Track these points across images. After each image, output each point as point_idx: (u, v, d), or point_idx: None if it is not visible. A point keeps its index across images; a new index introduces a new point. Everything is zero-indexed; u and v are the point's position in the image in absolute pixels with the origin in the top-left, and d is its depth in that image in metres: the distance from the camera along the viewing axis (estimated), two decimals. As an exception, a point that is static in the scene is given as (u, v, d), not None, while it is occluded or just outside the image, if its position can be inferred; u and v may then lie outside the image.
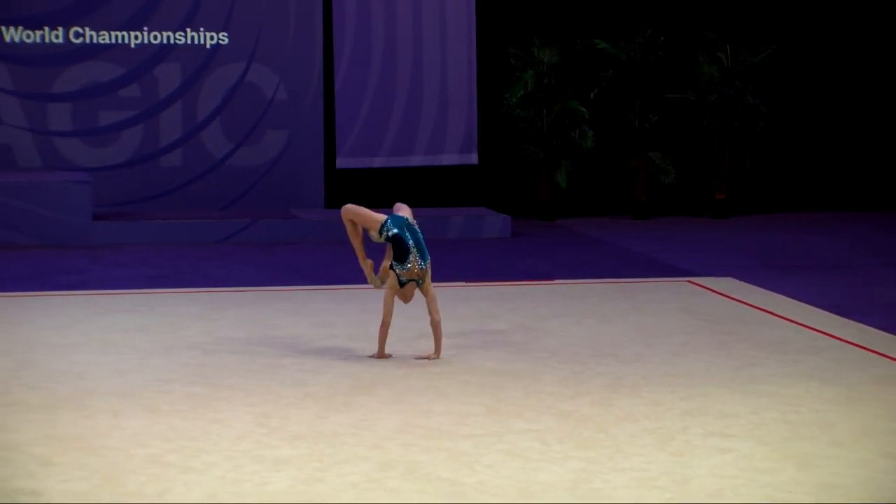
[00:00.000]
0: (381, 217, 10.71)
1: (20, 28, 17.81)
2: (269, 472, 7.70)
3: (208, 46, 18.27)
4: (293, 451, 8.10)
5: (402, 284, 10.51)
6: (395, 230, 10.55)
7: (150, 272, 14.78)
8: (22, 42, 17.83)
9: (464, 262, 15.62)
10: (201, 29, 18.24)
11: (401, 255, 10.51)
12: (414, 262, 10.48)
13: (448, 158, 18.84)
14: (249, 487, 7.44)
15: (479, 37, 18.92)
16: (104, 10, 17.94)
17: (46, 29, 17.88)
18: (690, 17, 19.88)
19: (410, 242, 10.51)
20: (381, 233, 10.61)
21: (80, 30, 17.96)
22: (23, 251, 16.15)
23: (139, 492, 7.36)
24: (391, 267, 10.56)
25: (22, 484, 7.46)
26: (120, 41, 18.05)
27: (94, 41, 17.99)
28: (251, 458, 7.94)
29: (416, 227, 10.70)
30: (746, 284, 13.90)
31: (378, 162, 18.69)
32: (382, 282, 10.73)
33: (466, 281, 14.29)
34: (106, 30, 17.99)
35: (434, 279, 14.32)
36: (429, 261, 10.57)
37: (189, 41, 18.23)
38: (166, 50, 18.15)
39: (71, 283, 14.02)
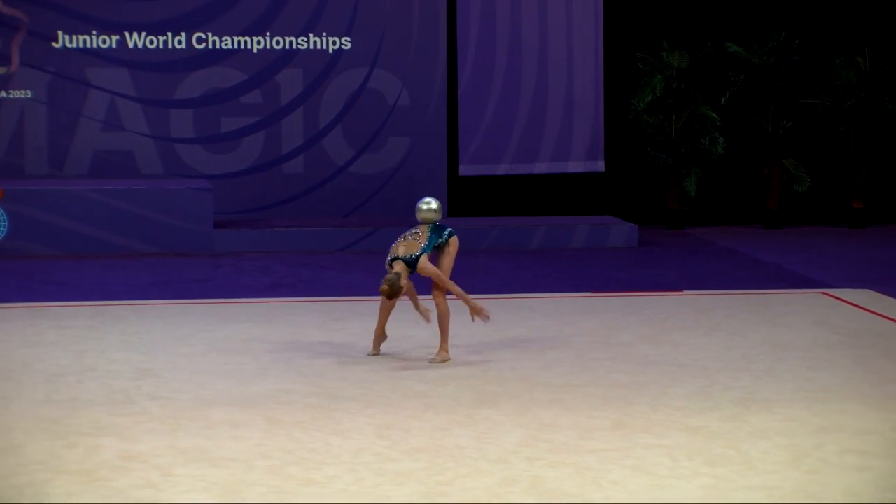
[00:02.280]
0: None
1: (143, 34, 17.90)
2: (390, 485, 7.63)
3: (331, 51, 18.23)
4: (415, 464, 8.02)
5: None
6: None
7: (271, 280, 14.77)
8: (145, 48, 17.92)
9: (589, 272, 15.46)
10: (324, 34, 18.20)
11: None
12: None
13: (573, 166, 18.61)
14: (371, 501, 7.36)
15: (607, 40, 18.68)
16: (227, 15, 17.97)
17: (169, 35, 17.95)
18: (827, 20, 19.45)
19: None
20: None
21: (202, 35, 18.01)
22: (144, 259, 16.23)
23: (259, 504, 7.28)
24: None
25: (143, 494, 7.47)
26: (242, 46, 18.08)
27: (217, 46, 18.03)
28: (373, 471, 7.88)
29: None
30: (884, 297, 13.60)
31: (502, 169, 18.51)
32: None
33: (592, 291, 14.12)
34: (228, 35, 18.02)
35: (558, 289, 14.31)
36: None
37: (311, 46, 18.21)
38: (289, 55, 18.14)
39: (192, 292, 14.05)
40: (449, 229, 10.88)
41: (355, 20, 18.22)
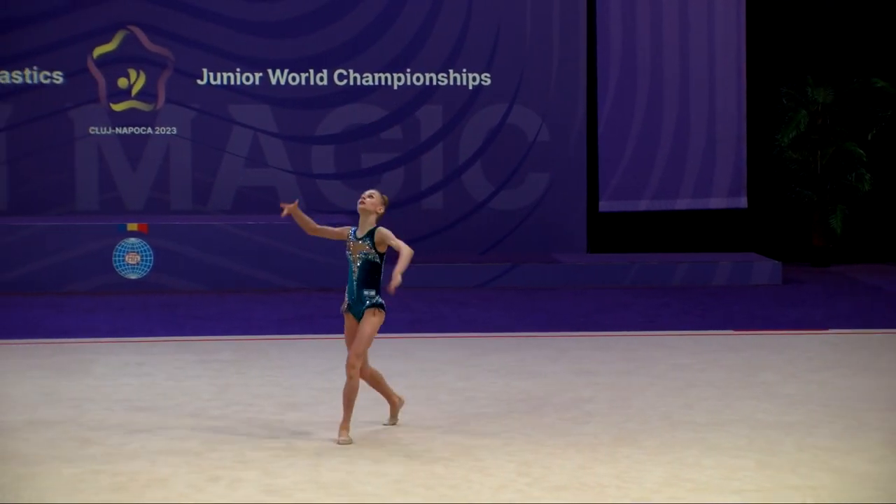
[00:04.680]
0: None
1: (286, 71, 18.08)
2: (530, 524, 7.54)
3: (470, 87, 18.25)
4: (556, 501, 7.96)
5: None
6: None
7: (410, 317, 14.78)
8: (287, 84, 18.10)
9: (731, 310, 15.26)
10: (464, 70, 18.23)
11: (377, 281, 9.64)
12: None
13: (715, 202, 18.39)
14: (510, 540, 7.28)
15: (749, 75, 18.46)
16: (368, 52, 18.09)
17: (311, 71, 18.12)
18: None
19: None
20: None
21: (343, 72, 18.14)
22: (287, 294, 16.35)
23: (398, 541, 7.29)
24: (380, 305, 9.56)
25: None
26: (383, 83, 18.17)
27: (358, 83, 18.15)
28: (513, 510, 7.80)
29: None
30: None
31: (642, 205, 18.35)
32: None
33: (735, 329, 13.92)
34: (369, 72, 18.13)
35: (700, 327, 14.13)
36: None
37: (451, 82, 18.24)
38: (429, 91, 18.20)
39: (332, 327, 14.09)
40: None
41: (495, 56, 18.23)
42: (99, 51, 17.84)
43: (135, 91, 17.93)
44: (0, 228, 16.46)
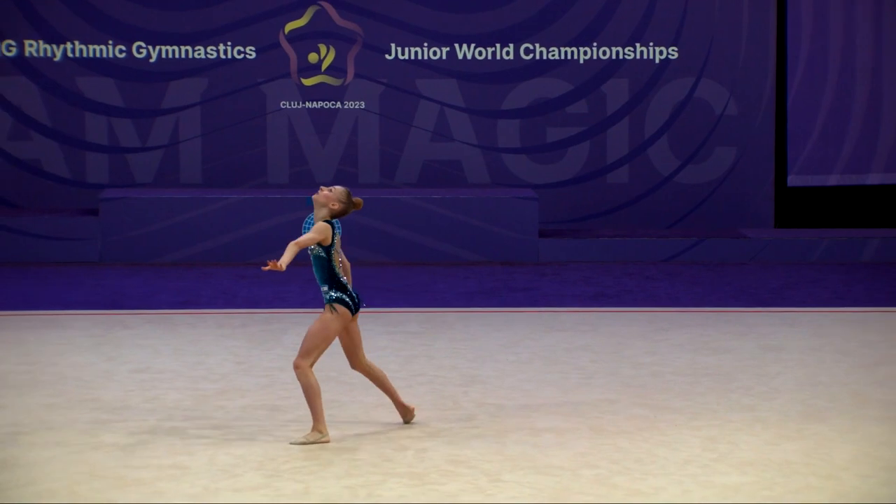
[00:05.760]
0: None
1: (473, 45, 18.16)
2: (717, 497, 7.56)
3: (657, 61, 18.12)
4: (742, 477, 7.93)
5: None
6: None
7: (595, 290, 14.78)
8: (474, 59, 18.18)
9: (923, 286, 14.96)
10: (651, 43, 18.11)
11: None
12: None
13: (909, 176, 18.03)
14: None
15: (944, 48, 18.03)
16: (554, 26, 18.07)
17: (498, 46, 18.16)
18: None
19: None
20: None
21: (530, 46, 18.15)
22: (470, 267, 16.45)
23: (583, 514, 7.32)
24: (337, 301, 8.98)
25: (470, 499, 7.60)
26: (569, 57, 18.14)
27: (544, 57, 18.15)
28: (699, 484, 7.83)
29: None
30: None
31: (832, 180, 18.06)
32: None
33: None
34: (556, 45, 18.12)
35: (891, 303, 13.86)
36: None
37: (638, 56, 18.14)
38: (615, 65, 18.12)
39: (517, 300, 14.18)
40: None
41: (682, 29, 18.08)
42: (290, 26, 18.13)
43: (325, 66, 18.18)
44: (194, 201, 16.87)
